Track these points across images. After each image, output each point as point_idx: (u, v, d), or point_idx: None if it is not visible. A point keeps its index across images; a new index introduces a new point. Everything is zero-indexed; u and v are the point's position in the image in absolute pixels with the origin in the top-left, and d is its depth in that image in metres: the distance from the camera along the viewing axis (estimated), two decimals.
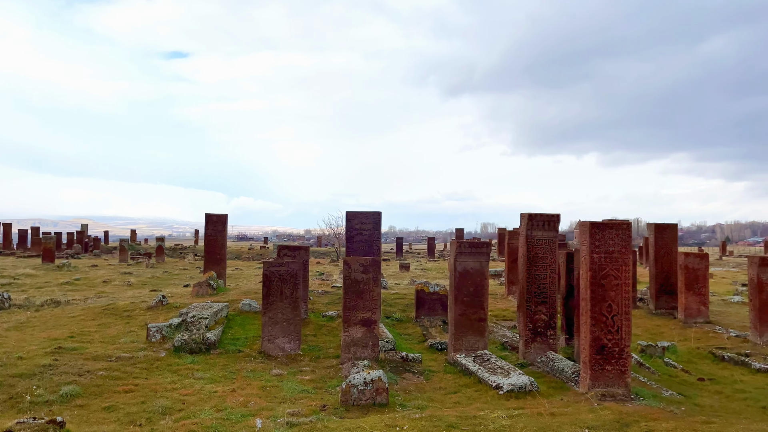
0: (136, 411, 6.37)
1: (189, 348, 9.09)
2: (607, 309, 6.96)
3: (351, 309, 8.81)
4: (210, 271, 14.83)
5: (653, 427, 5.37)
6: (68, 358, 8.22)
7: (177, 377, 7.78)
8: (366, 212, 12.06)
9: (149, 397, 6.86)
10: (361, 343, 8.75)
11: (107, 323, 10.78)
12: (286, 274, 9.56)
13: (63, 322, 10.97)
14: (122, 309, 11.89)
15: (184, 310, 10.49)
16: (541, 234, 9.24)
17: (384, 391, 6.78)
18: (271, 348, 9.43)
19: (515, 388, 7.07)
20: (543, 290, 9.21)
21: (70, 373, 7.50)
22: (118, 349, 8.88)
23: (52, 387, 6.93)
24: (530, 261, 9.24)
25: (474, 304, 9.05)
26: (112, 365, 8.02)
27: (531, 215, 9.24)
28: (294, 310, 9.55)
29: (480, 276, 9.09)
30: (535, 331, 9.17)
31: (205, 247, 15.25)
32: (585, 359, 7.02)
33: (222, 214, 15.37)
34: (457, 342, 9.00)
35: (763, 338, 10.35)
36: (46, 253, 30.48)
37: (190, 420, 6.08)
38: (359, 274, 8.85)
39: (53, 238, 32.55)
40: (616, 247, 7.00)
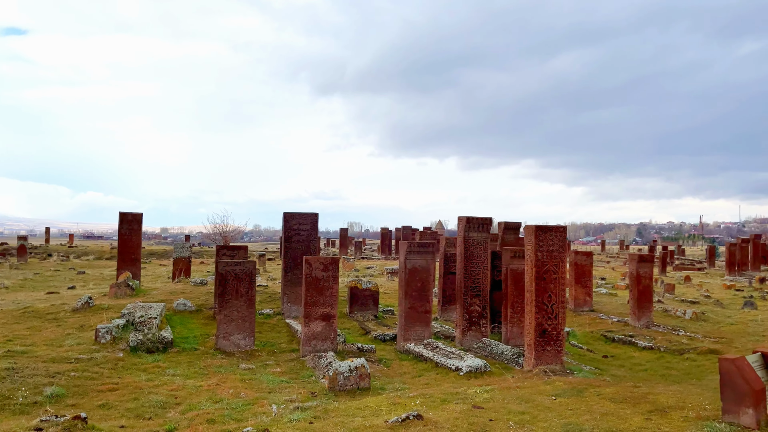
0: (134, 407, 6.51)
1: (146, 348, 9.10)
2: (547, 299, 8.29)
3: (311, 305, 9.39)
4: (125, 271, 14.35)
5: (600, 392, 6.69)
6: (25, 360, 7.93)
7: (151, 375, 7.89)
8: (303, 213, 12.58)
9: (137, 394, 6.98)
10: (321, 336, 9.36)
11: (37, 326, 10.27)
12: (242, 273, 9.89)
13: None
14: (44, 312, 11.29)
15: (125, 311, 10.32)
16: (476, 235, 10.48)
17: (367, 377, 7.52)
18: (226, 345, 9.70)
19: (473, 369, 8.16)
20: (477, 284, 10.45)
21: (41, 375, 7.32)
22: (70, 351, 8.66)
23: (33, 389, 6.79)
24: (467, 259, 10.44)
25: (421, 298, 10.05)
26: (77, 366, 7.89)
27: (468, 218, 10.44)
28: (249, 308, 9.90)
29: (426, 273, 10.11)
30: (470, 320, 10.38)
31: (119, 247, 14.69)
32: (530, 342, 8.30)
33: (137, 213, 14.92)
34: (407, 332, 9.94)
35: (640, 322, 12.51)
36: None
37: (194, 411, 6.39)
38: (319, 272, 9.45)
39: None
40: (555, 247, 8.36)
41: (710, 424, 5.25)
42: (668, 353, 10.26)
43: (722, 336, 11.54)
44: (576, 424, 5.42)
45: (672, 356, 10.09)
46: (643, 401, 6.19)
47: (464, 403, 6.29)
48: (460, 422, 5.51)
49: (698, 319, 13.30)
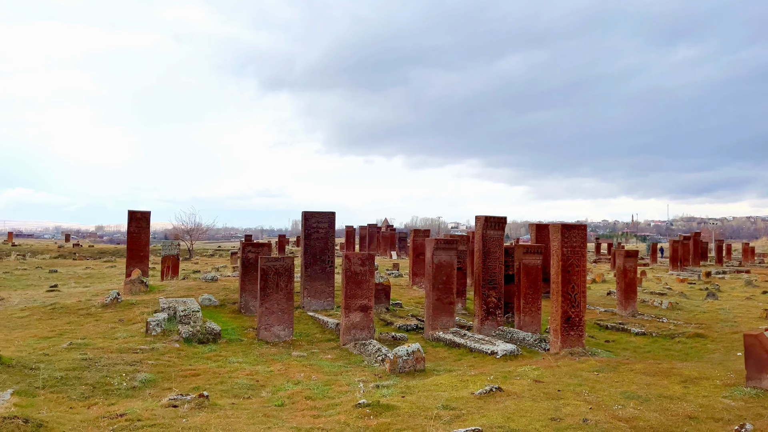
0: (226, 389, 7.12)
1: (198, 339, 9.62)
2: (571, 289, 9.36)
3: (351, 297, 10.13)
4: (135, 269, 14.59)
5: (632, 368, 7.79)
6: (93, 352, 8.34)
7: (218, 363, 8.46)
8: (322, 212, 13.25)
9: (221, 378, 7.58)
10: (359, 326, 10.12)
11: (76, 321, 10.56)
12: (282, 268, 10.52)
13: (22, 322, 10.44)
14: (75, 307, 11.53)
15: (163, 305, 10.75)
16: (493, 233, 11.48)
17: (422, 359, 8.37)
18: (268, 335, 10.32)
19: (507, 353, 9.14)
20: (493, 278, 11.45)
21: (121, 364, 7.79)
22: (128, 343, 9.08)
23: (124, 375, 7.28)
24: (484, 255, 11.42)
25: (446, 290, 10.96)
26: (147, 356, 8.37)
27: (486, 217, 11.42)
28: (288, 301, 10.54)
29: (450, 268, 11.02)
30: (487, 310, 11.37)
31: (128, 245, 14.90)
32: (556, 327, 9.35)
33: (146, 211, 15.16)
34: (434, 322, 10.83)
35: (627, 311, 13.86)
36: None
37: (284, 391, 7.06)
38: (358, 266, 10.21)
39: None
40: (578, 243, 9.44)
41: (738, 389, 6.38)
42: (660, 338, 11.57)
43: (701, 322, 13.01)
44: (631, 392, 6.45)
45: (665, 340, 11.40)
46: (672, 374, 7.31)
47: (523, 378, 7.24)
48: (534, 392, 6.45)
49: (674, 309, 14.80)
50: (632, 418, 5.51)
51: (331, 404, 6.32)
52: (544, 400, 6.16)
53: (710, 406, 5.92)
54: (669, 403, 5.99)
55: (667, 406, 5.91)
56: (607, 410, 5.73)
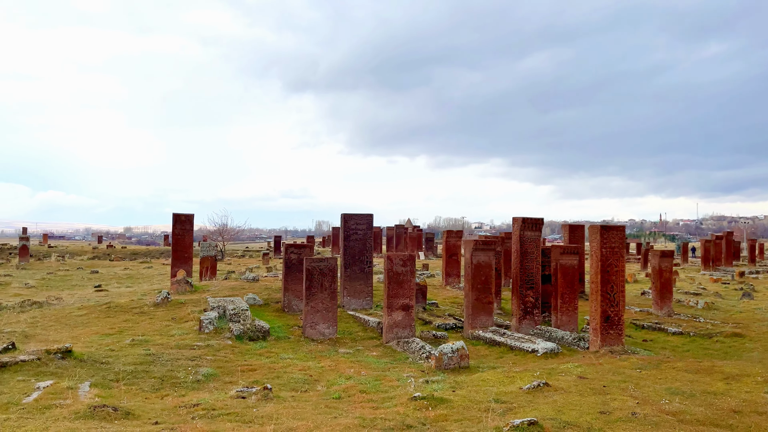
0: (283, 383, 7.52)
1: (248, 336, 10.07)
2: (610, 289, 9.57)
3: (393, 297, 10.48)
4: (180, 269, 15.16)
5: (674, 365, 7.99)
6: (155, 348, 8.83)
7: (271, 358, 8.89)
8: (360, 214, 13.64)
9: (276, 373, 7.99)
10: (401, 325, 10.47)
11: (132, 319, 11.10)
12: (326, 268, 10.92)
13: (81, 320, 11.02)
14: (128, 306, 12.10)
15: (213, 304, 11.24)
16: (530, 234, 11.73)
17: (466, 357, 8.68)
18: (313, 333, 10.73)
19: (548, 351, 9.39)
20: (531, 278, 11.69)
21: (182, 359, 8.26)
22: (184, 340, 9.57)
23: (188, 370, 7.74)
24: (522, 255, 11.67)
25: (485, 290, 11.24)
26: (203, 352, 8.84)
27: (524, 219, 11.68)
28: (332, 300, 10.93)
29: (489, 268, 11.30)
30: (525, 310, 11.62)
31: (173, 246, 15.50)
32: (595, 326, 9.58)
33: (189, 214, 15.74)
34: (474, 321, 11.12)
35: (662, 311, 13.96)
36: None
37: (338, 385, 7.44)
38: (399, 267, 10.56)
39: None
40: (616, 244, 9.65)
41: None
42: (698, 337, 11.68)
43: (738, 322, 13.06)
44: (675, 388, 6.67)
45: (702, 340, 11.51)
46: (714, 371, 7.51)
47: (568, 375, 7.51)
48: (581, 388, 6.71)
49: (710, 308, 14.85)
50: (679, 412, 5.75)
51: (386, 397, 6.67)
52: (591, 395, 6.42)
53: (753, 400, 6.13)
54: (713, 399, 6.21)
55: (711, 401, 6.13)
56: (654, 405, 5.97)
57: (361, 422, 5.32)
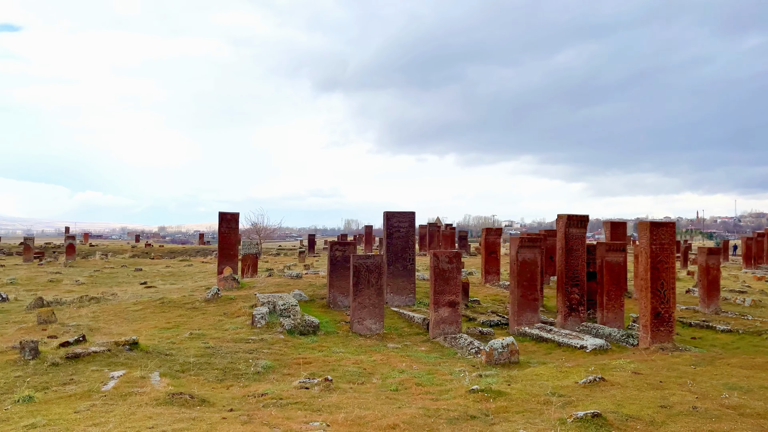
0: (339, 375, 7.73)
1: (299, 331, 10.34)
2: (660, 286, 9.54)
3: (439, 293, 10.62)
4: (227, 266, 15.57)
5: (728, 362, 7.96)
6: (212, 342, 9.15)
7: (324, 352, 9.12)
8: (402, 212, 13.82)
9: (331, 366, 8.21)
10: (448, 321, 10.60)
11: (186, 314, 11.48)
12: (372, 265, 11.12)
13: (138, 315, 11.45)
14: (180, 302, 12.50)
15: (263, 300, 11.54)
16: (575, 231, 11.73)
17: (516, 352, 8.77)
18: (360, 329, 10.94)
19: (597, 347, 9.41)
20: (576, 275, 11.70)
21: (240, 352, 8.56)
22: (238, 334, 9.87)
23: (247, 362, 8.02)
24: (567, 252, 11.68)
25: (530, 287, 11.29)
26: (258, 345, 9.12)
27: (569, 216, 11.68)
28: (379, 297, 11.13)
29: (534, 265, 11.35)
30: (570, 307, 11.63)
31: (219, 244, 15.94)
32: (645, 323, 9.55)
33: (235, 213, 16.16)
34: (519, 317, 11.19)
35: (709, 308, 13.78)
36: None
37: (393, 378, 7.61)
38: (445, 264, 10.69)
39: None
40: (666, 240, 9.61)
41: None
42: (747, 335, 11.52)
43: None
44: (732, 383, 6.67)
45: (752, 337, 11.36)
46: None
47: (621, 370, 7.54)
48: (637, 383, 6.76)
49: (758, 306, 14.59)
50: (739, 406, 5.76)
51: (443, 390, 6.82)
52: (649, 390, 6.47)
53: None
54: None
55: None
56: (713, 399, 5.99)
57: (425, 412, 5.49)
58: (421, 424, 5.08)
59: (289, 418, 5.09)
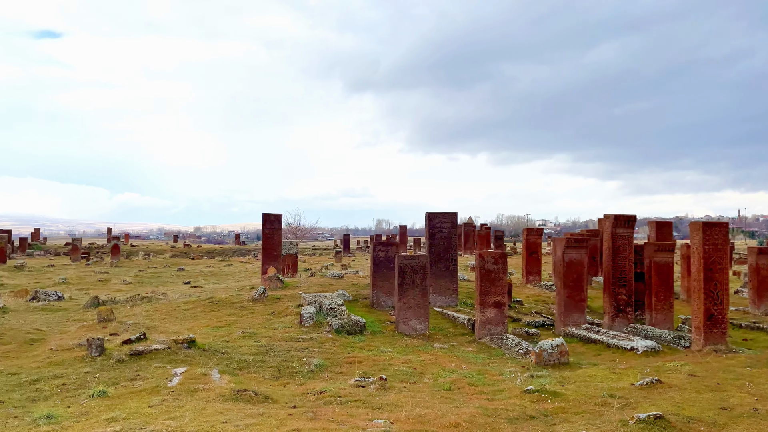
0: (390, 374, 7.82)
1: (346, 330, 10.50)
2: (713, 287, 9.37)
3: (485, 294, 10.65)
4: (271, 266, 15.87)
5: None
6: (266, 340, 9.37)
7: (372, 351, 9.25)
8: (445, 213, 13.87)
9: (382, 365, 8.33)
10: (494, 321, 10.62)
11: (235, 314, 11.77)
12: (417, 266, 11.21)
13: (189, 314, 11.80)
14: (229, 301, 12.82)
15: (309, 300, 11.75)
16: (622, 231, 11.60)
17: (566, 353, 8.74)
18: (406, 329, 11.04)
19: (648, 349, 9.30)
20: (623, 276, 11.57)
21: (292, 351, 8.75)
22: (288, 333, 10.08)
23: (300, 360, 8.20)
24: (614, 252, 11.56)
25: (577, 288, 11.22)
26: (308, 344, 9.30)
27: (616, 216, 11.56)
28: (424, 297, 11.21)
29: (581, 265, 11.28)
30: (617, 308, 11.51)
31: (263, 245, 16.25)
32: (698, 325, 9.40)
33: (277, 214, 16.46)
34: (566, 318, 11.13)
35: (760, 309, 13.45)
36: None
37: (445, 378, 7.68)
38: (491, 265, 10.71)
39: (4, 237, 30.92)
40: (719, 241, 9.43)
41: None
42: None
43: None
44: None
45: None
46: None
47: (676, 372, 7.47)
48: (695, 385, 6.69)
49: None
50: None
51: (497, 390, 6.87)
52: (707, 392, 6.40)
53: None
54: None
55: None
56: None
57: (484, 411, 5.55)
58: (482, 423, 5.15)
59: (353, 416, 5.22)
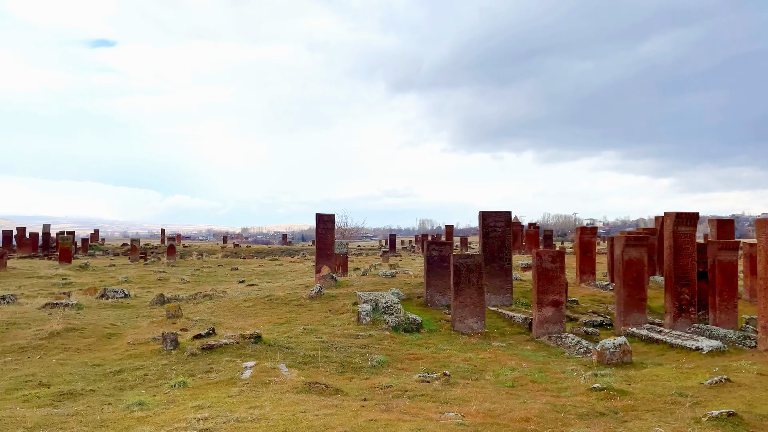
0: (452, 371, 7.92)
1: (403, 328, 10.64)
2: None
3: (543, 293, 10.61)
4: (324, 265, 16.19)
5: None
6: (326, 336, 9.61)
7: (431, 349, 9.36)
8: (498, 212, 13.86)
9: (442, 362, 8.43)
10: (552, 320, 10.57)
11: (294, 311, 12.09)
12: (473, 265, 11.26)
13: (250, 311, 12.19)
14: (287, 299, 13.16)
15: (365, 298, 11.95)
16: (684, 229, 11.35)
17: (629, 352, 8.65)
18: (462, 327, 11.10)
19: (713, 349, 9.10)
20: (686, 275, 11.31)
21: (353, 347, 8.95)
22: (346, 330, 10.29)
23: (362, 357, 8.39)
24: (676, 251, 11.33)
25: (637, 287, 11.05)
26: (367, 341, 9.48)
27: (677, 213, 11.32)
28: (480, 296, 11.25)
29: (640, 264, 11.10)
30: (680, 308, 11.27)
31: (316, 244, 16.61)
32: (765, 324, 9.13)
33: (330, 214, 16.79)
34: (626, 318, 10.98)
35: None
36: (64, 254, 30.60)
37: (507, 375, 7.73)
38: (548, 263, 10.66)
39: (69, 238, 32.46)
40: None
41: None
42: None
43: None
44: None
45: None
46: None
47: (746, 372, 7.30)
48: (764, 384, 6.54)
49: None
50: None
51: (561, 388, 6.88)
52: None
53: None
54: None
55: None
56: None
57: (553, 407, 5.60)
58: (552, 418, 5.20)
59: (423, 409, 5.36)
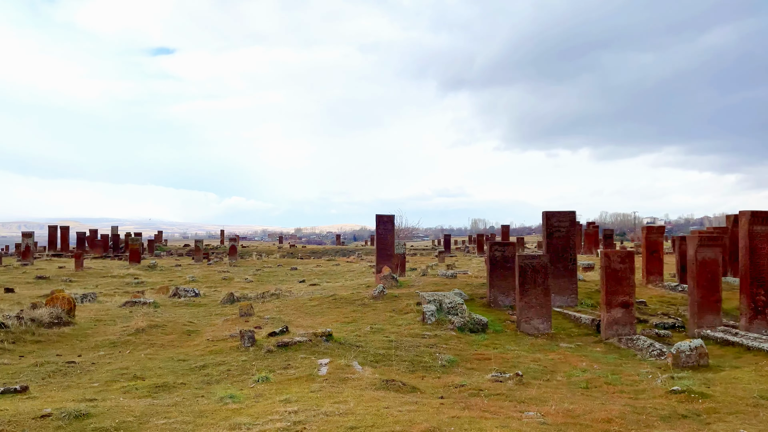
0: (522, 372, 7.92)
1: (468, 328, 10.70)
2: None
3: (611, 294, 10.44)
4: (384, 266, 16.40)
5: None
6: (394, 336, 9.78)
7: (499, 350, 9.38)
8: (562, 212, 13.71)
9: (512, 363, 8.45)
10: (621, 321, 10.38)
11: (358, 310, 12.33)
12: (539, 265, 11.19)
13: (316, 310, 12.51)
14: (350, 299, 13.43)
15: (429, 298, 12.06)
16: (760, 228, 10.91)
17: (706, 355, 8.42)
18: (528, 328, 11.05)
19: None
20: (761, 276, 10.88)
21: (421, 347, 9.08)
22: (412, 330, 10.43)
23: (431, 356, 8.51)
24: (751, 251, 10.91)
25: (711, 288, 10.72)
26: (434, 341, 9.59)
27: (753, 212, 10.91)
28: (545, 297, 11.17)
29: (715, 265, 10.75)
30: (756, 309, 10.84)
31: (377, 245, 16.85)
32: None
33: (390, 215, 16.99)
34: (699, 320, 10.67)
35: None
36: (133, 255, 31.97)
37: (579, 376, 7.67)
38: (617, 264, 10.48)
39: (138, 240, 33.97)
40: None
41: None
42: None
43: None
44: None
45: None
46: None
47: None
48: None
49: None
50: None
51: (637, 390, 6.79)
52: None
53: None
54: None
55: None
56: None
57: (633, 409, 5.56)
58: (634, 419, 5.17)
59: (502, 408, 5.43)
